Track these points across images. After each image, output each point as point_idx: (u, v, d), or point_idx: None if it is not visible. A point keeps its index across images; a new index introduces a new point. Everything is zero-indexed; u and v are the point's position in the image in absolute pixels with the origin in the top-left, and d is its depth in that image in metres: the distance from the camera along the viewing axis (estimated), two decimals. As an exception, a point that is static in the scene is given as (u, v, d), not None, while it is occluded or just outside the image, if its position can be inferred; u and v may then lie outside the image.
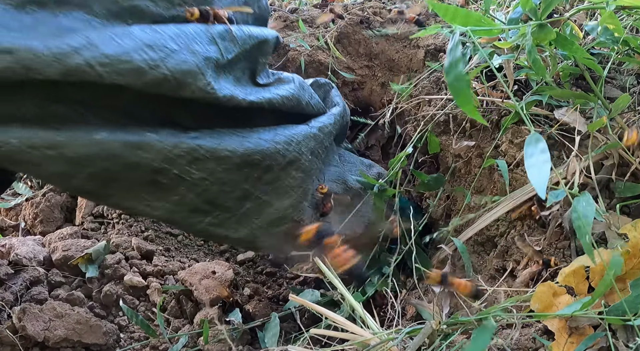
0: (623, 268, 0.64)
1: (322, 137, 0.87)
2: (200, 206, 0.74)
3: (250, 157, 0.74)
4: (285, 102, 0.80)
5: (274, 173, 0.78)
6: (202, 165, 0.70)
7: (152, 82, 0.60)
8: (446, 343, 0.65)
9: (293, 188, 0.83)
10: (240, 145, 0.73)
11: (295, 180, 0.82)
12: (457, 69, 0.62)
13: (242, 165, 0.74)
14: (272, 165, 0.77)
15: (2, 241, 1.13)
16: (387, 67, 1.35)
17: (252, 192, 0.78)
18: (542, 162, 0.57)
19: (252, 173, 0.76)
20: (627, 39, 0.75)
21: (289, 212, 0.84)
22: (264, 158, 0.76)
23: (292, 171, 0.81)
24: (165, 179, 0.68)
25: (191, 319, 1.04)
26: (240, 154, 0.73)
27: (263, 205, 0.80)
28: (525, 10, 0.69)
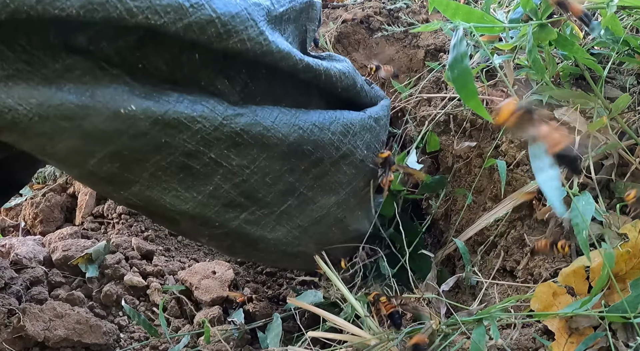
0: (623, 268, 0.65)
1: (378, 130, 0.78)
2: (236, 199, 0.64)
3: (300, 147, 0.64)
4: (342, 78, 0.70)
5: (324, 166, 0.69)
6: (243, 151, 0.60)
7: (195, 23, 0.49)
8: (446, 343, 0.65)
9: (342, 185, 0.74)
10: (291, 130, 0.63)
11: (346, 176, 0.73)
12: (462, 64, 0.61)
13: (289, 155, 0.64)
14: (323, 157, 0.68)
15: (2, 241, 1.13)
16: (387, 67, 1.34)
17: (297, 186, 0.69)
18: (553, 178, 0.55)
19: (300, 164, 0.67)
20: (627, 39, 0.75)
21: (333, 209, 0.75)
22: (316, 149, 0.66)
23: (343, 166, 0.72)
24: (198, 164, 0.59)
25: (191, 319, 1.04)
26: (290, 143, 0.63)
27: (307, 201, 0.71)
28: (526, 10, 0.69)
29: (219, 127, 0.57)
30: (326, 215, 0.75)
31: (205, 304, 1.04)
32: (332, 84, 0.69)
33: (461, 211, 0.99)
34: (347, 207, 0.77)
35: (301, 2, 0.66)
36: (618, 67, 0.90)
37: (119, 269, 1.08)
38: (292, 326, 1.00)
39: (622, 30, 0.74)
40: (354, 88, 0.73)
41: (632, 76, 0.86)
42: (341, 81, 0.70)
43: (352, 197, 0.77)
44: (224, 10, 0.51)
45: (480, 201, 0.96)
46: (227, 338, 0.93)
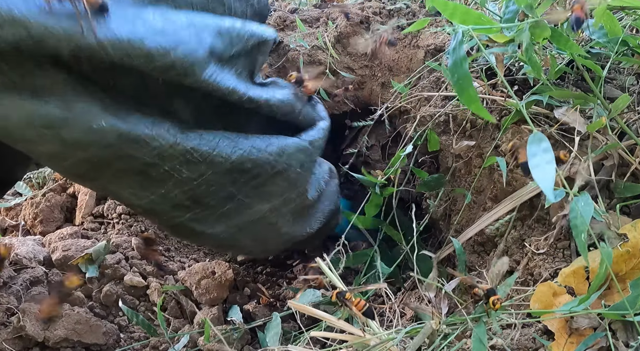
0: (623, 268, 0.65)
1: (312, 151, 0.88)
2: (183, 202, 0.76)
3: (241, 165, 0.76)
4: (281, 106, 0.81)
5: (260, 180, 0.81)
6: (193, 167, 0.71)
7: (160, 67, 0.61)
8: (446, 343, 0.65)
9: (275, 196, 0.85)
10: (233, 152, 0.74)
11: (280, 188, 0.85)
12: (462, 68, 0.62)
13: (232, 171, 0.76)
14: (260, 173, 0.80)
15: (2, 241, 1.13)
16: (387, 67, 1.34)
17: (236, 194, 0.80)
18: (547, 162, 0.57)
19: (240, 178, 0.78)
20: (626, 39, 0.75)
21: (267, 214, 0.87)
22: (255, 167, 0.78)
23: (278, 180, 0.83)
24: (155, 173, 0.69)
25: (191, 319, 1.04)
26: (232, 161, 0.75)
27: (244, 206, 0.83)
28: (520, 6, 0.69)
29: (173, 146, 0.68)
30: (260, 219, 0.86)
31: (205, 304, 1.04)
32: (272, 112, 0.80)
33: (461, 211, 0.99)
34: (279, 213, 0.88)
35: (255, 41, 0.75)
36: (618, 66, 0.90)
37: (119, 269, 1.08)
38: (293, 326, 1.00)
39: (621, 29, 0.74)
40: (292, 114, 0.85)
41: (631, 76, 0.86)
42: (280, 108, 0.81)
43: (283, 206, 0.88)
44: (183, 57, 0.62)
45: (480, 201, 0.96)
46: (227, 337, 0.93)
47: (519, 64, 0.91)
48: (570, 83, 0.87)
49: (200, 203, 0.77)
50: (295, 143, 0.84)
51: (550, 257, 0.76)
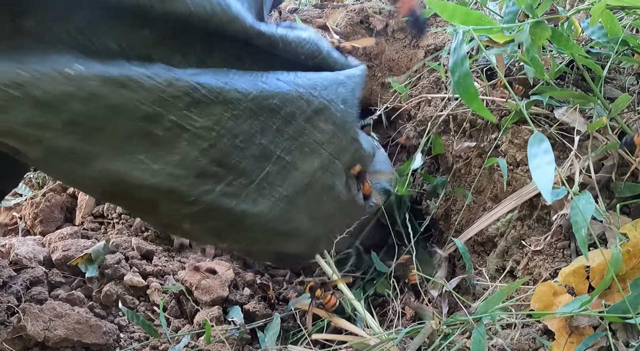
0: (623, 268, 0.65)
1: (353, 86, 0.72)
2: (208, 168, 0.60)
3: (266, 101, 0.60)
4: (302, 44, 0.65)
5: (297, 124, 0.64)
6: (205, 110, 0.57)
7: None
8: (446, 343, 0.65)
9: (323, 145, 0.69)
10: (253, 85, 0.59)
11: (325, 134, 0.68)
12: (462, 68, 0.62)
13: (256, 112, 0.60)
14: (294, 113, 0.64)
15: (2, 241, 1.13)
16: (387, 67, 1.35)
17: (272, 149, 0.64)
18: (546, 163, 0.57)
19: (270, 123, 0.62)
20: (626, 39, 0.75)
21: (319, 175, 0.70)
22: (284, 104, 0.62)
23: (320, 123, 0.67)
24: (160, 129, 0.55)
25: (191, 319, 1.04)
26: (254, 97, 0.59)
27: (287, 167, 0.66)
28: (521, 6, 0.69)
29: (172, 83, 0.53)
30: (312, 183, 0.69)
31: (205, 304, 1.04)
32: (292, 50, 0.65)
33: (461, 211, 0.99)
34: (335, 171, 0.72)
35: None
36: (618, 66, 0.90)
37: (119, 269, 1.08)
38: (292, 326, 1.00)
39: (621, 29, 0.74)
40: (319, 55, 0.69)
41: (631, 76, 0.86)
42: (302, 46, 0.66)
43: (337, 158, 0.71)
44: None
45: (480, 201, 0.96)
46: (227, 338, 0.93)
47: (519, 64, 0.91)
48: (570, 83, 0.87)
49: (229, 166, 0.62)
50: (330, 75, 0.68)
51: (550, 256, 0.76)
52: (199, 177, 0.61)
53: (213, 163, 0.61)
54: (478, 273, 0.87)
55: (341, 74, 0.71)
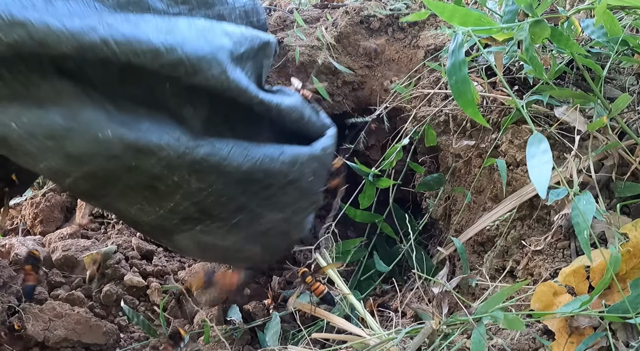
0: (623, 268, 0.65)
1: (324, 159, 0.85)
2: (193, 214, 0.73)
3: (253, 174, 0.72)
4: (291, 112, 0.79)
5: (273, 190, 0.78)
6: (203, 177, 0.68)
7: (168, 64, 0.58)
8: (446, 343, 0.65)
9: (287, 205, 0.83)
10: (245, 161, 0.70)
11: (292, 197, 0.82)
12: (461, 72, 0.62)
13: (243, 181, 0.72)
14: (273, 182, 0.76)
15: (2, 241, 1.13)
16: (387, 67, 1.34)
17: (247, 204, 0.77)
18: (544, 162, 0.57)
19: (252, 188, 0.75)
20: (626, 39, 0.75)
21: (279, 224, 0.84)
22: (267, 176, 0.75)
23: (290, 190, 0.80)
24: (163, 185, 0.66)
25: (191, 319, 1.04)
26: (244, 170, 0.71)
27: (255, 217, 0.80)
28: (520, 6, 0.69)
29: (181, 156, 0.64)
30: (272, 228, 0.83)
31: (205, 304, 1.04)
32: (282, 117, 0.77)
33: (461, 211, 0.99)
34: (291, 222, 0.86)
35: (259, 42, 0.73)
36: (618, 66, 0.90)
37: (119, 269, 1.08)
38: (292, 326, 1.00)
39: (621, 29, 0.74)
40: (302, 120, 0.81)
41: (631, 76, 0.86)
42: (290, 115, 0.78)
43: (295, 214, 0.85)
44: (192, 53, 0.60)
45: (480, 201, 0.96)
46: (227, 337, 0.93)
47: (519, 64, 0.91)
48: (570, 82, 0.87)
49: (210, 214, 0.74)
50: (309, 151, 0.81)
51: (550, 257, 0.76)
52: (183, 219, 0.73)
53: (198, 212, 0.73)
54: (478, 273, 0.87)
55: (318, 148, 0.83)
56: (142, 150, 0.61)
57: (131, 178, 0.64)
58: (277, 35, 1.34)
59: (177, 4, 0.65)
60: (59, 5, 0.53)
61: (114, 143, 0.59)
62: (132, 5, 0.60)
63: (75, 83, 0.57)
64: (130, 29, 0.56)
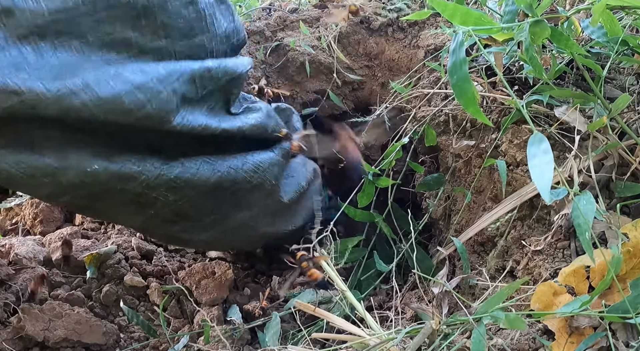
0: (623, 268, 0.65)
1: (284, 163, 0.98)
2: (172, 218, 0.86)
3: (220, 184, 0.85)
4: (254, 130, 0.90)
5: (239, 195, 0.90)
6: (177, 192, 0.81)
7: (138, 119, 0.69)
8: (446, 343, 0.65)
9: (254, 205, 0.95)
10: (212, 174, 0.83)
11: (257, 199, 0.94)
12: (461, 71, 0.62)
13: (212, 190, 0.84)
14: (238, 189, 0.88)
15: (2, 241, 1.13)
16: (387, 67, 1.35)
17: (218, 207, 0.89)
18: (545, 163, 0.57)
19: (220, 195, 0.87)
20: (626, 39, 0.75)
21: (247, 221, 0.96)
22: (233, 184, 0.87)
23: (255, 193, 0.92)
24: (144, 200, 0.79)
25: (191, 319, 1.04)
26: (212, 182, 0.84)
27: (225, 217, 0.92)
28: (520, 5, 0.69)
29: (158, 177, 0.77)
30: (242, 225, 0.96)
31: (205, 304, 1.04)
32: (245, 137, 0.89)
33: (461, 211, 0.99)
34: (258, 218, 0.98)
35: (227, 77, 0.82)
36: (618, 66, 0.90)
37: (119, 269, 1.08)
38: (292, 326, 1.00)
39: (621, 29, 0.74)
40: (265, 134, 0.94)
41: (631, 76, 0.86)
42: (252, 132, 0.90)
43: (261, 212, 0.98)
44: (158, 109, 0.71)
45: (480, 201, 0.96)
46: (227, 338, 0.93)
47: (519, 64, 0.91)
48: (570, 82, 0.87)
49: (186, 217, 0.87)
50: (270, 158, 0.93)
51: (550, 257, 0.76)
52: (164, 222, 0.87)
53: (175, 216, 0.86)
54: (478, 273, 0.87)
55: (278, 154, 0.96)
56: (124, 177, 0.74)
57: (118, 197, 0.76)
58: (277, 35, 1.34)
59: (160, 38, 0.72)
60: (47, 57, 0.61)
61: (101, 174, 0.71)
62: (116, 44, 0.68)
63: (62, 129, 0.66)
64: (107, 90, 0.65)
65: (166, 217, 0.85)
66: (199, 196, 0.84)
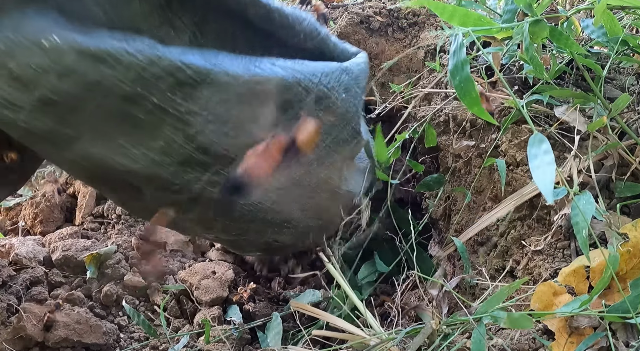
0: (623, 268, 0.65)
1: (357, 73, 0.68)
2: (193, 155, 0.56)
3: (259, 86, 0.55)
4: (302, 22, 0.62)
5: (294, 112, 0.59)
6: (191, 93, 0.52)
7: None
8: (446, 343, 0.65)
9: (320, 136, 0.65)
10: (245, 69, 0.54)
11: (324, 125, 0.64)
12: (463, 71, 0.62)
13: (248, 97, 0.55)
14: (291, 100, 0.59)
15: (2, 241, 1.13)
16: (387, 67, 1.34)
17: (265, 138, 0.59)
18: (547, 163, 0.57)
19: (263, 109, 0.58)
20: (626, 39, 0.75)
21: (314, 167, 0.66)
22: (280, 90, 0.57)
23: (319, 112, 0.62)
24: (141, 112, 0.51)
25: (191, 319, 1.04)
26: (245, 81, 0.54)
27: None
28: (519, 5, 0.69)
29: (155, 61, 0.49)
30: (307, 174, 0.65)
31: (205, 304, 1.04)
32: (289, 26, 0.60)
33: (461, 211, 0.99)
34: (331, 163, 0.67)
35: None
36: (618, 66, 0.90)
37: (119, 269, 1.08)
38: (292, 326, 1.00)
39: (621, 29, 0.74)
40: (318, 35, 0.64)
41: (631, 76, 0.86)
42: (300, 24, 0.61)
43: (334, 151, 0.66)
44: None
45: (480, 201, 0.96)
46: (227, 337, 0.93)
47: (519, 64, 0.91)
48: (570, 82, 0.87)
49: (217, 155, 0.57)
50: (332, 64, 0.64)
51: (550, 257, 0.76)
52: (183, 164, 0.56)
53: (199, 151, 0.55)
54: (478, 273, 0.87)
55: (344, 64, 0.66)
56: (100, 58, 0.47)
57: (97, 104, 0.50)
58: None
59: None
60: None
61: (64, 52, 0.46)
62: None
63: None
64: None
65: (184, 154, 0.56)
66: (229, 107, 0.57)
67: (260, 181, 0.58)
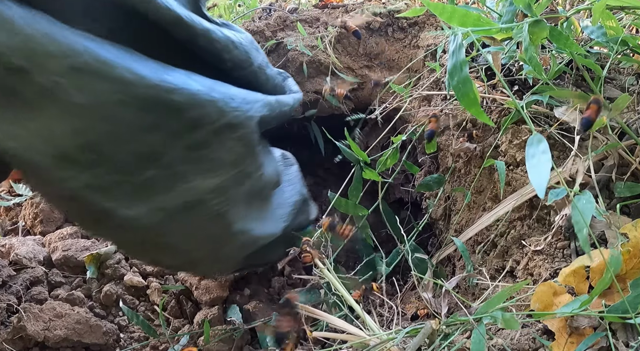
0: (623, 268, 0.65)
1: (279, 111, 0.61)
2: (73, 152, 0.49)
3: (167, 95, 0.48)
4: (231, 48, 0.56)
5: (202, 134, 0.53)
6: (86, 83, 0.45)
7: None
8: (446, 343, 0.65)
9: (225, 166, 0.57)
10: (153, 72, 0.47)
11: (232, 154, 0.57)
12: (462, 72, 0.62)
13: (151, 104, 0.48)
14: (202, 119, 0.52)
15: (2, 241, 1.13)
16: (387, 67, 1.35)
17: (162, 153, 0.52)
18: (543, 162, 0.57)
19: (168, 123, 0.50)
20: (626, 39, 0.75)
21: (211, 197, 0.58)
22: (190, 106, 0.50)
23: (229, 140, 0.55)
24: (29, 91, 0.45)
25: (191, 319, 1.04)
26: (150, 85, 0.47)
27: (176, 177, 0.54)
28: (519, 6, 0.69)
29: (48, 34, 0.42)
30: (200, 203, 0.58)
31: (205, 304, 1.04)
32: (216, 51, 0.54)
33: (461, 211, 0.99)
34: (231, 197, 0.60)
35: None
36: (617, 66, 0.90)
37: (119, 269, 1.08)
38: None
39: (621, 29, 0.74)
40: (249, 66, 0.59)
41: (631, 76, 0.86)
42: (229, 51, 0.55)
43: (235, 185, 0.60)
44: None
45: (480, 201, 0.96)
46: (227, 338, 0.93)
47: (518, 64, 0.91)
48: (570, 83, 0.87)
49: (102, 155, 0.50)
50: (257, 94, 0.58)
51: (550, 256, 0.76)
52: (60, 158, 0.49)
53: (81, 148, 0.49)
54: (478, 273, 0.87)
55: (269, 97, 0.60)
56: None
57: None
58: (277, 35, 1.35)
59: None
60: None
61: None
62: None
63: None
64: None
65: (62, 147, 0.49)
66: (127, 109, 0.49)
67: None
